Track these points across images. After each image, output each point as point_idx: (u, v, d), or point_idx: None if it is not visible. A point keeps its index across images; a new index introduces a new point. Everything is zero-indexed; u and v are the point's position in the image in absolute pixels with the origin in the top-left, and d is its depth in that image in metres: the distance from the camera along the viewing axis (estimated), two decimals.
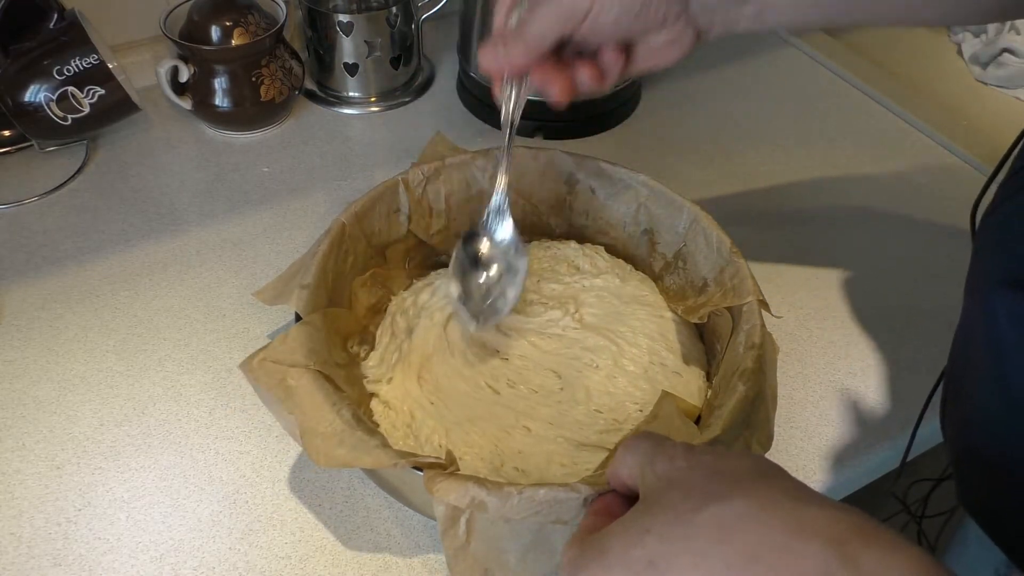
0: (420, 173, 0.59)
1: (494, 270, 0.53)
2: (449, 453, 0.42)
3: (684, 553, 0.28)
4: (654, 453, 0.33)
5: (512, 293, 0.53)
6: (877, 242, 0.70)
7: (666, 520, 0.29)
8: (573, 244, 0.62)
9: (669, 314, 0.57)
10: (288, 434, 0.46)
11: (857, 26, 0.44)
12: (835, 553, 0.25)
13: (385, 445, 0.42)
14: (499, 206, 0.52)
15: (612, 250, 0.62)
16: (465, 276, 0.53)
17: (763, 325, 0.50)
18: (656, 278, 0.60)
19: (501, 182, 0.52)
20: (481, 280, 0.53)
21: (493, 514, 0.39)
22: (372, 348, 0.56)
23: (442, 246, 0.62)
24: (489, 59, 0.45)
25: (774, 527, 0.27)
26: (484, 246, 0.53)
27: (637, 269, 0.61)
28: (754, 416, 0.47)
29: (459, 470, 0.42)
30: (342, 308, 0.54)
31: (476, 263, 0.53)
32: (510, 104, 0.48)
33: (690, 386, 0.53)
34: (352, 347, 0.55)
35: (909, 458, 0.54)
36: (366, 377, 0.53)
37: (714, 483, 0.30)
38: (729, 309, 0.52)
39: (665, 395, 0.49)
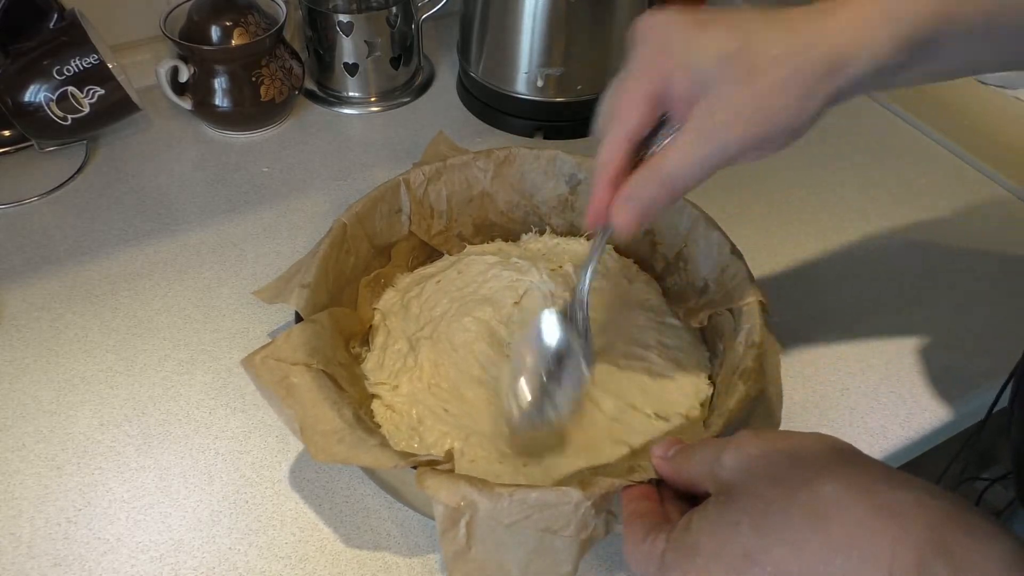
0: (421, 173, 0.59)
1: (564, 372, 0.47)
2: (448, 452, 0.42)
3: (780, 544, 0.28)
4: (720, 449, 0.33)
5: (566, 403, 0.47)
6: (876, 241, 0.70)
7: (756, 511, 0.29)
8: (581, 241, 0.62)
9: (671, 318, 0.57)
10: (288, 430, 0.46)
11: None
12: (930, 540, 0.25)
13: (384, 445, 0.42)
14: (584, 300, 0.47)
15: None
16: (526, 373, 0.47)
17: (763, 325, 0.50)
18: (658, 279, 0.60)
19: (585, 292, 0.46)
20: (542, 381, 0.47)
21: (484, 515, 0.39)
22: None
23: (443, 247, 0.62)
24: (631, 220, 0.38)
25: (868, 512, 0.27)
26: (559, 346, 0.47)
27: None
28: (755, 416, 0.47)
29: (454, 469, 0.42)
30: (346, 308, 0.54)
31: (541, 364, 0.47)
32: (603, 240, 0.44)
33: (684, 388, 0.53)
34: (354, 347, 0.55)
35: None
36: (367, 379, 0.53)
37: (797, 468, 0.30)
38: (730, 310, 0.52)
39: (695, 421, 0.49)
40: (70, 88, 0.67)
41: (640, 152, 0.40)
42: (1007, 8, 0.36)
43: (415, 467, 0.41)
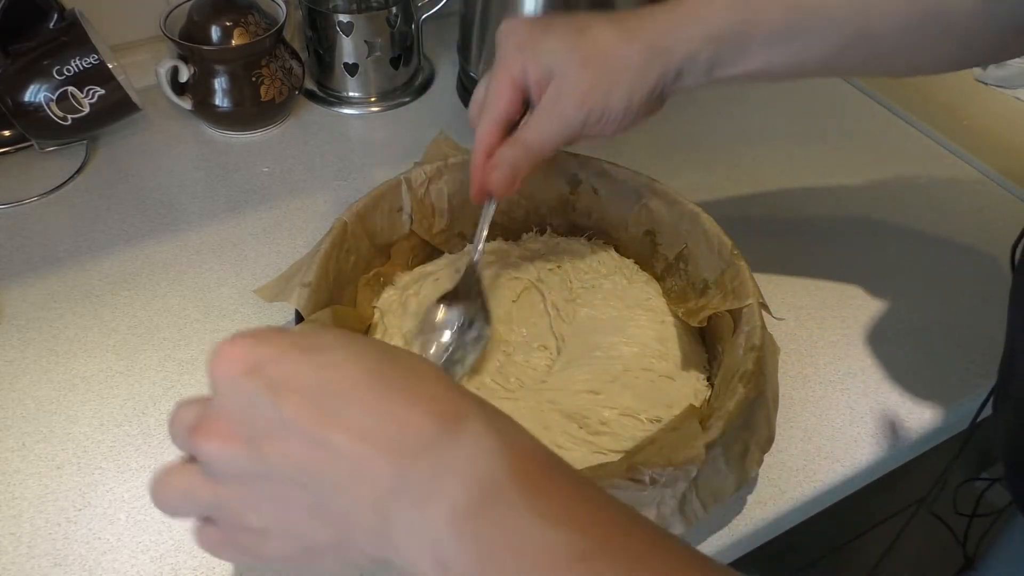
0: (423, 173, 0.59)
1: (469, 333, 0.53)
2: None
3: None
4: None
5: (471, 359, 0.53)
6: (876, 242, 0.70)
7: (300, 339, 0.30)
8: (582, 241, 0.62)
9: (671, 319, 0.57)
10: None
11: (813, 76, 0.50)
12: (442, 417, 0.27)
13: None
14: (476, 269, 0.53)
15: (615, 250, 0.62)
16: (433, 333, 0.53)
17: (763, 327, 0.50)
18: (658, 279, 0.60)
19: (477, 256, 0.53)
20: (449, 340, 0.53)
21: None
22: None
23: (445, 246, 0.62)
24: (501, 180, 0.47)
25: (399, 368, 0.29)
26: (463, 308, 0.53)
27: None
28: (754, 418, 0.47)
29: None
30: (347, 307, 0.54)
31: (448, 324, 0.53)
32: (490, 209, 0.51)
33: (683, 390, 0.53)
34: None
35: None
36: None
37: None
38: (730, 311, 0.52)
39: (691, 411, 0.48)
40: (70, 88, 0.67)
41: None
42: (807, 14, 0.45)
43: None
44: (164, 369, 0.57)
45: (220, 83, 0.73)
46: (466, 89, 0.83)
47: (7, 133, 0.72)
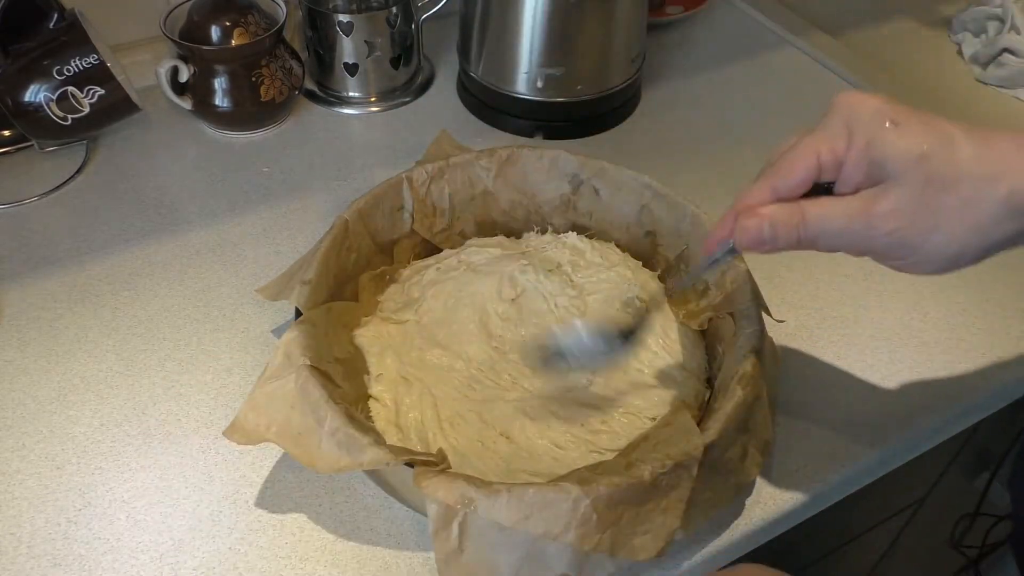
0: (424, 171, 0.59)
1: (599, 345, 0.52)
2: (440, 451, 0.43)
3: None
4: None
5: (592, 368, 0.52)
6: None
7: None
8: (583, 237, 0.62)
9: (672, 318, 0.57)
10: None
11: None
12: None
13: (379, 443, 0.42)
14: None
15: None
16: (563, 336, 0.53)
17: (764, 329, 0.50)
18: (659, 280, 0.60)
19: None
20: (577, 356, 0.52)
21: (482, 514, 0.39)
22: None
23: (445, 244, 0.62)
24: (752, 228, 0.40)
25: None
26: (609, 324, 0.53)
27: None
28: (752, 421, 0.47)
29: (450, 467, 0.42)
30: (348, 301, 0.54)
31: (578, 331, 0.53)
32: (726, 259, 0.45)
33: (683, 391, 0.53)
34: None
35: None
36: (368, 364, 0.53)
37: None
38: (731, 313, 0.52)
39: (680, 406, 0.49)
40: (70, 88, 0.67)
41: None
42: None
43: (409, 464, 0.41)
44: (164, 369, 0.57)
45: (220, 83, 0.73)
46: (466, 89, 0.83)
47: (7, 133, 0.72)
